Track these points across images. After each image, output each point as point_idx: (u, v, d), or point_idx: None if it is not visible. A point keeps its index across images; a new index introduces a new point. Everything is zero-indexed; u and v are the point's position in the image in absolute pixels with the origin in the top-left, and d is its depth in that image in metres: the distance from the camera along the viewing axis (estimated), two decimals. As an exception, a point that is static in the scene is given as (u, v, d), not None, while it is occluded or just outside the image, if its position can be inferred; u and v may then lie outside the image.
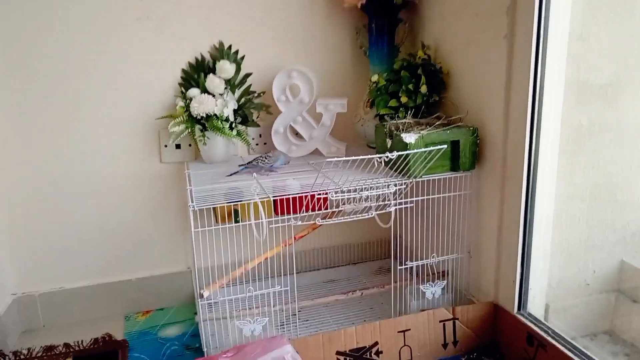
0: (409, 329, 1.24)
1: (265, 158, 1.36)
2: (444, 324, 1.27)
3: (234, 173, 1.34)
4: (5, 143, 1.39)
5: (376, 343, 1.21)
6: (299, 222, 1.21)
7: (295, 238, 1.32)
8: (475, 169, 1.30)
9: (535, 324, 1.19)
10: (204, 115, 1.38)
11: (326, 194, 1.19)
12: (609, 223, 1.32)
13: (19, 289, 1.48)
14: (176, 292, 1.60)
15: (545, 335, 1.14)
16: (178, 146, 1.52)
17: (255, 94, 1.50)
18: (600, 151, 1.27)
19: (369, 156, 1.17)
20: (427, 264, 1.34)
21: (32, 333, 1.48)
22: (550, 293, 1.29)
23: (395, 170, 1.26)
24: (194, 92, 1.41)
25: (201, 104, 1.38)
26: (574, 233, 1.31)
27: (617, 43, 1.22)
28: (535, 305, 1.25)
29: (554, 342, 1.12)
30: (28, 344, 1.41)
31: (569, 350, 1.09)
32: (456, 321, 1.27)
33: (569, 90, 1.18)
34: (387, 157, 1.15)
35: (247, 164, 1.36)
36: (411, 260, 1.33)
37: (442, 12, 1.43)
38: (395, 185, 1.22)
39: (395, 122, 1.35)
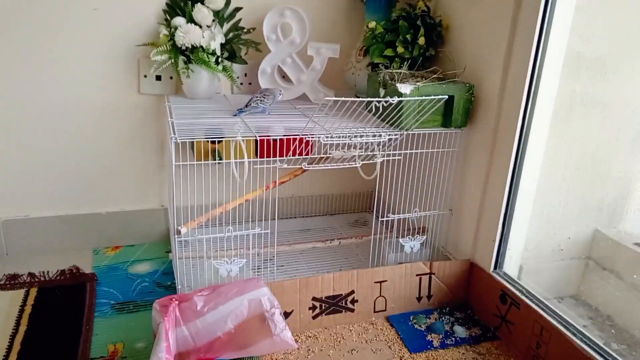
0: (386, 280, 1.24)
1: (263, 97, 1.29)
2: (420, 278, 1.27)
3: (240, 111, 1.27)
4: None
5: (352, 291, 1.21)
6: (285, 165, 1.17)
7: (277, 183, 1.29)
8: (466, 127, 1.28)
9: (509, 283, 1.21)
10: (189, 47, 1.31)
11: (315, 139, 1.15)
12: (589, 193, 1.34)
13: (-20, 214, 1.41)
14: (148, 230, 1.56)
15: (519, 294, 1.16)
16: (158, 78, 1.43)
17: (245, 30, 1.42)
18: (589, 122, 1.27)
19: (368, 99, 1.12)
20: (408, 218, 1.33)
21: (-6, 260, 1.42)
22: (526, 255, 1.31)
23: (387, 121, 1.22)
24: (179, 20, 1.32)
25: (187, 34, 1.30)
26: (555, 199, 1.32)
27: (615, 17, 1.20)
28: (511, 266, 1.27)
29: (527, 300, 1.14)
30: (-11, 271, 1.35)
31: (542, 309, 1.11)
32: (432, 276, 1.28)
33: (567, 59, 1.16)
34: (385, 101, 1.11)
35: (246, 105, 1.29)
36: (392, 213, 1.32)
37: (448, -40, 1.37)
38: (387, 135, 1.19)
39: (390, 71, 1.31)
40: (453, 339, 1.19)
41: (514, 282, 1.21)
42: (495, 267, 1.26)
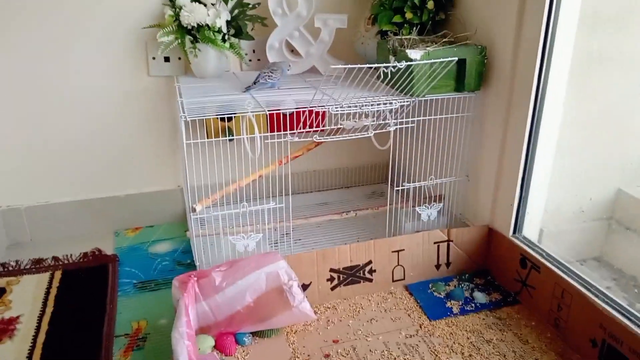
0: (403, 249, 1.23)
1: (271, 72, 1.28)
2: (438, 246, 1.26)
3: (249, 88, 1.26)
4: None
5: (370, 262, 1.21)
6: (296, 139, 1.16)
7: (290, 157, 1.28)
8: (480, 90, 1.25)
9: (529, 247, 1.19)
10: (195, 25, 1.30)
11: (324, 109, 1.14)
12: (610, 152, 1.30)
13: (3, 201, 1.44)
14: (166, 210, 1.58)
15: (539, 257, 1.14)
16: (167, 59, 1.43)
17: (250, 6, 1.40)
18: (608, 79, 1.23)
19: (375, 65, 1.10)
20: (424, 186, 1.32)
21: (20, 246, 1.46)
22: (546, 218, 1.28)
23: (398, 88, 1.20)
24: (183, 0, 1.31)
25: (192, 13, 1.29)
26: (574, 160, 1.29)
27: None
28: (530, 230, 1.25)
29: (547, 264, 1.12)
30: (16, 257, 1.39)
31: (562, 272, 1.09)
32: (450, 243, 1.27)
33: (583, 16, 1.12)
34: (393, 66, 1.09)
35: (255, 82, 1.28)
36: (408, 182, 1.31)
37: None
38: (398, 102, 1.17)
39: (399, 38, 1.28)
40: (473, 305, 1.18)
41: (534, 245, 1.19)
42: (514, 232, 1.24)
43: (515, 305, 1.18)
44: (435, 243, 1.26)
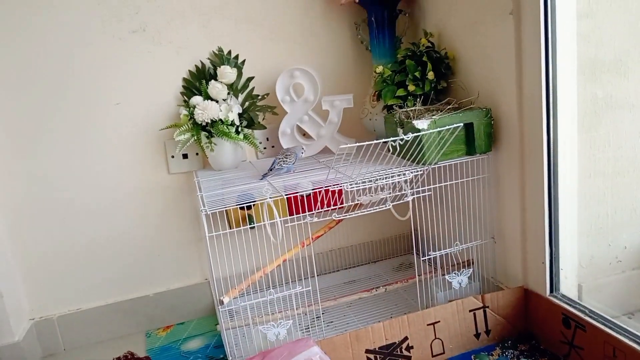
0: (439, 321, 1.19)
1: (286, 157, 1.32)
2: (474, 313, 1.22)
3: (265, 175, 1.29)
4: (11, 166, 1.37)
5: (406, 338, 1.16)
6: (315, 219, 1.17)
7: (312, 238, 1.29)
8: (492, 151, 1.26)
9: (570, 305, 1.13)
10: (209, 122, 1.36)
11: (340, 187, 1.15)
12: (636, 197, 1.27)
13: (36, 313, 1.46)
14: (195, 305, 1.57)
15: (582, 316, 1.09)
16: (185, 156, 1.49)
17: (259, 97, 1.47)
18: (620, 124, 1.23)
19: (382, 140, 1.13)
20: (450, 252, 1.30)
21: (54, 357, 1.45)
22: (582, 273, 1.24)
23: (410, 159, 1.22)
24: (197, 99, 1.39)
25: (205, 110, 1.36)
26: (601, 209, 1.26)
27: (623, 16, 1.18)
28: (568, 286, 1.20)
29: (592, 321, 1.06)
30: (49, 368, 1.39)
31: (610, 328, 1.03)
32: (487, 309, 1.22)
33: (581, 65, 1.15)
34: (401, 139, 1.11)
35: (271, 168, 1.31)
36: (433, 251, 1.29)
37: (442, -4, 1.41)
38: (411, 172, 1.19)
39: (405, 110, 1.32)
40: (521, 373, 1.12)
41: (575, 303, 1.14)
42: (551, 290, 1.20)
43: (566, 369, 1.11)
44: (470, 311, 1.22)
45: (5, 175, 1.37)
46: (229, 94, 1.42)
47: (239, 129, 1.40)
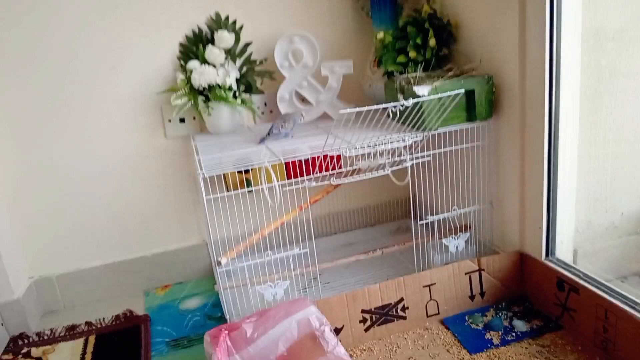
0: (434, 283, 1.20)
1: (284, 122, 1.31)
2: (469, 276, 1.23)
3: (263, 139, 1.29)
4: (9, 131, 1.37)
5: (402, 299, 1.18)
6: (313, 184, 1.17)
7: (310, 202, 1.29)
8: (492, 118, 1.25)
9: (565, 269, 1.15)
10: (206, 86, 1.35)
11: (338, 152, 1.15)
12: (636, 165, 1.27)
13: (35, 272, 1.47)
14: (193, 266, 1.59)
15: (576, 279, 1.10)
16: (182, 120, 1.48)
17: (257, 62, 1.46)
18: (623, 93, 1.22)
19: (382, 105, 1.12)
20: (448, 217, 1.30)
21: (53, 314, 1.48)
22: (578, 238, 1.25)
23: (409, 125, 1.21)
24: (194, 64, 1.37)
25: (202, 75, 1.34)
26: (599, 176, 1.26)
27: None
28: (564, 251, 1.21)
29: (586, 284, 1.08)
30: (50, 325, 1.41)
31: (603, 291, 1.05)
32: (482, 272, 1.24)
33: (585, 34, 1.13)
34: (401, 104, 1.10)
35: (268, 133, 1.31)
36: (431, 215, 1.29)
37: (447, -41, 1.37)
38: (411, 138, 1.18)
39: (405, 76, 1.31)
40: (514, 334, 1.13)
41: (569, 267, 1.16)
42: (547, 255, 1.21)
43: (558, 330, 1.13)
44: (466, 274, 1.23)
45: (2, 140, 1.37)
46: (226, 58, 1.40)
47: (237, 93, 1.39)
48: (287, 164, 1.17)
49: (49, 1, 1.32)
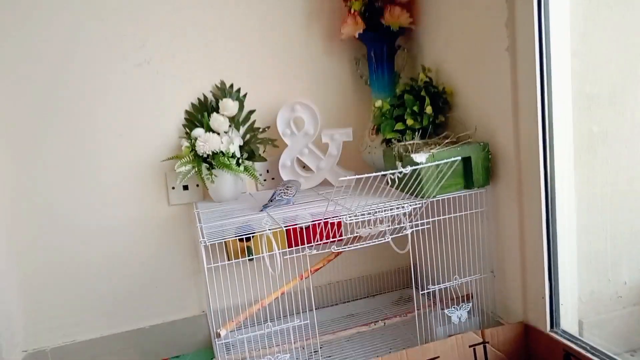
0: (438, 357, 1.17)
1: (286, 189, 1.33)
2: (474, 349, 1.20)
3: (265, 207, 1.30)
4: (11, 194, 1.38)
5: (405, 374, 1.15)
6: (314, 252, 1.17)
7: (311, 271, 1.28)
8: (490, 185, 1.27)
9: (571, 341, 1.12)
10: (210, 154, 1.38)
11: (339, 219, 1.16)
12: (635, 231, 1.27)
13: (29, 345, 1.43)
14: (192, 338, 1.55)
15: (584, 352, 1.07)
16: (186, 187, 1.50)
17: (260, 130, 1.50)
18: (616, 158, 1.24)
19: (381, 172, 1.14)
20: (449, 286, 1.29)
21: (45, 390, 1.43)
22: (583, 308, 1.23)
23: (408, 192, 1.23)
24: (198, 131, 1.41)
25: (207, 142, 1.38)
26: (600, 244, 1.26)
27: (617, 56, 1.21)
28: (569, 322, 1.19)
29: (594, 358, 1.05)
30: (40, 402, 1.35)
31: (612, 365, 1.02)
32: (487, 345, 1.21)
33: (576, 101, 1.17)
34: (400, 172, 1.12)
35: (271, 200, 1.32)
36: (432, 285, 1.28)
37: (440, 33, 1.44)
38: (410, 205, 1.19)
39: (403, 144, 1.34)
40: (522, 411, 1.09)
41: (576, 339, 1.13)
42: (552, 326, 1.18)
43: (569, 408, 1.09)
44: (470, 346, 1.20)
45: (4, 200, 1.37)
46: (230, 126, 1.44)
47: (240, 161, 1.42)
48: (288, 232, 1.18)
49: (56, 62, 1.37)
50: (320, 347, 1.28)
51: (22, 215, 1.39)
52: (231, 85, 1.49)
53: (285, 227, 1.14)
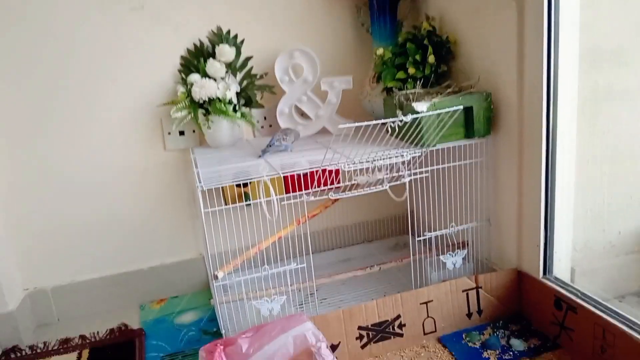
0: (432, 300, 1.20)
1: (285, 135, 1.32)
2: (467, 294, 1.23)
3: (263, 153, 1.29)
4: (8, 142, 1.37)
5: (398, 316, 1.18)
6: (311, 198, 1.17)
7: (308, 216, 1.29)
8: (490, 135, 1.26)
9: (562, 287, 1.15)
10: (207, 99, 1.35)
11: (337, 167, 1.15)
12: (632, 184, 1.28)
13: (30, 283, 1.46)
14: (189, 280, 1.58)
15: (574, 298, 1.10)
16: (182, 133, 1.49)
17: (258, 76, 1.47)
18: (619, 113, 1.23)
19: (381, 121, 1.13)
20: (445, 234, 1.30)
21: (47, 327, 1.46)
22: (576, 256, 1.25)
23: (408, 140, 1.22)
24: (194, 77, 1.38)
25: (203, 88, 1.35)
26: (597, 196, 1.26)
27: (626, 9, 1.17)
28: (561, 269, 1.21)
29: (584, 303, 1.08)
30: (43, 338, 1.39)
31: (601, 310, 1.05)
32: (479, 290, 1.23)
33: (583, 54, 1.14)
34: (400, 120, 1.11)
35: (268, 146, 1.31)
36: (429, 232, 1.29)
37: (446, -22, 1.39)
38: (409, 154, 1.18)
39: (404, 92, 1.31)
40: (511, 353, 1.13)
41: (567, 285, 1.15)
42: (544, 273, 1.21)
43: (556, 350, 1.13)
44: (464, 291, 1.23)
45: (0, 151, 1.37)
46: (227, 72, 1.41)
47: (237, 107, 1.40)
48: (285, 178, 1.17)
49: (48, 9, 1.32)
50: (317, 290, 1.31)
51: (19, 163, 1.38)
52: (228, 31, 1.44)
53: (283, 173, 1.14)
